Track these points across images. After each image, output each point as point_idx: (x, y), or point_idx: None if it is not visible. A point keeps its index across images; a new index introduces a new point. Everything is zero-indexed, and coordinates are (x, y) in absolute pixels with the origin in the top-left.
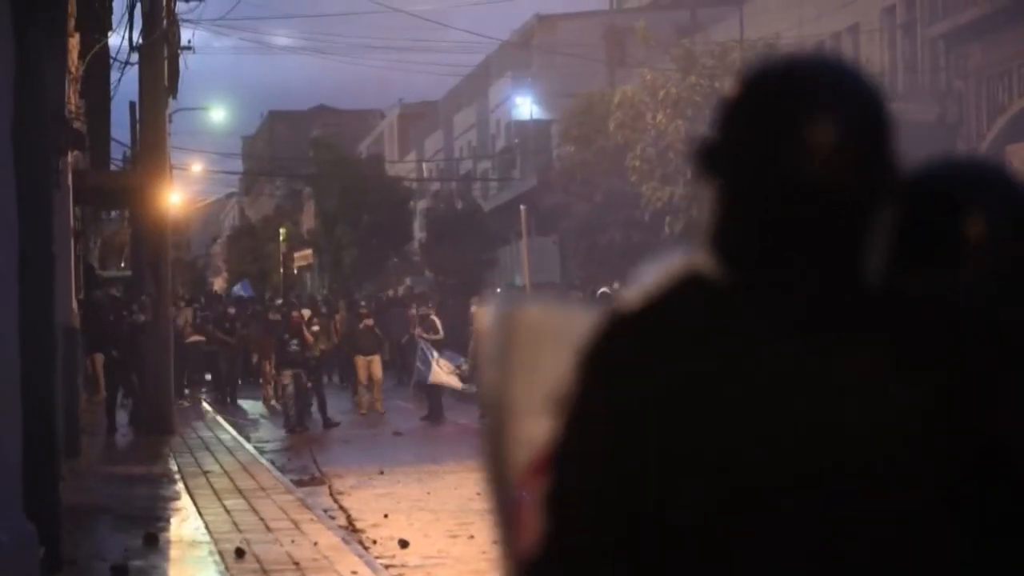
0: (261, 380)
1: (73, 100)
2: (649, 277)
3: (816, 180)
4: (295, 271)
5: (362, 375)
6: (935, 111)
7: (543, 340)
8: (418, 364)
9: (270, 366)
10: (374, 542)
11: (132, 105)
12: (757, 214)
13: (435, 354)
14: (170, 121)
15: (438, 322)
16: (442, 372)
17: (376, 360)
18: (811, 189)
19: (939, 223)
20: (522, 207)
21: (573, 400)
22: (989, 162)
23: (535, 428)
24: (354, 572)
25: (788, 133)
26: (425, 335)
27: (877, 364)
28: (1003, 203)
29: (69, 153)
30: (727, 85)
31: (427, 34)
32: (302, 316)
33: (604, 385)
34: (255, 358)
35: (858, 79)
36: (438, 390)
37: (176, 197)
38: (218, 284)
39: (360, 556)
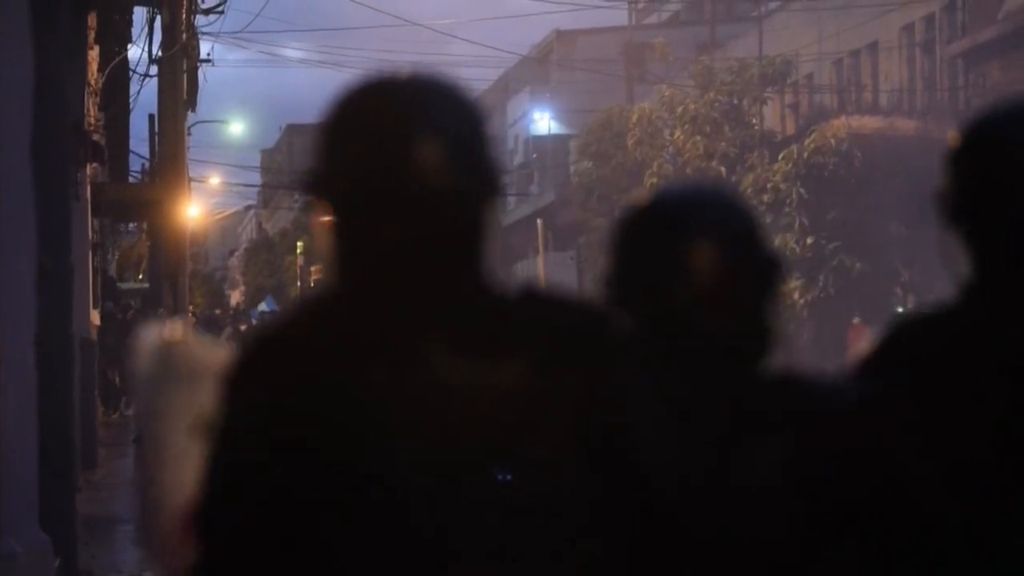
0: None
1: (92, 112)
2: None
3: (418, 197)
4: (312, 285)
5: None
6: (954, 129)
7: (200, 375)
8: None
9: None
10: None
11: (151, 117)
12: (370, 235)
13: None
14: (189, 134)
15: None
16: None
17: None
18: (416, 206)
19: (661, 244)
20: (539, 221)
21: (217, 425)
22: (720, 187)
23: (188, 469)
24: None
25: (384, 154)
26: None
27: (498, 365)
28: (721, 227)
29: (88, 165)
30: (746, 101)
31: (444, 48)
32: None
33: (235, 404)
34: None
35: (450, 103)
36: None
37: (194, 209)
38: (235, 297)
39: None
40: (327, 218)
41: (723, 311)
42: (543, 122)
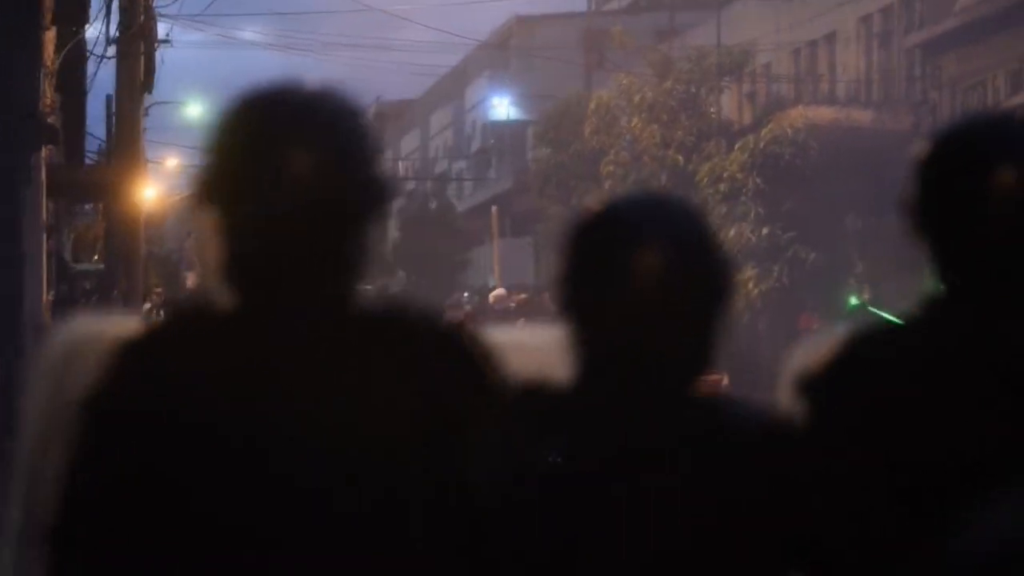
0: None
1: (49, 94)
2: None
3: (289, 207)
4: None
5: None
6: (910, 120)
7: (71, 362)
8: None
9: None
10: None
11: (108, 99)
12: (249, 241)
13: None
14: (146, 115)
15: None
16: None
17: None
18: (286, 216)
19: (606, 250)
20: (493, 208)
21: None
22: (675, 198)
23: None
24: None
25: (260, 163)
26: None
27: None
28: (667, 238)
29: (43, 148)
30: (703, 90)
31: (402, 33)
32: None
33: (97, 402)
34: None
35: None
36: None
37: (151, 192)
38: (191, 279)
39: None
40: (210, 220)
41: (663, 323)
42: (502, 108)
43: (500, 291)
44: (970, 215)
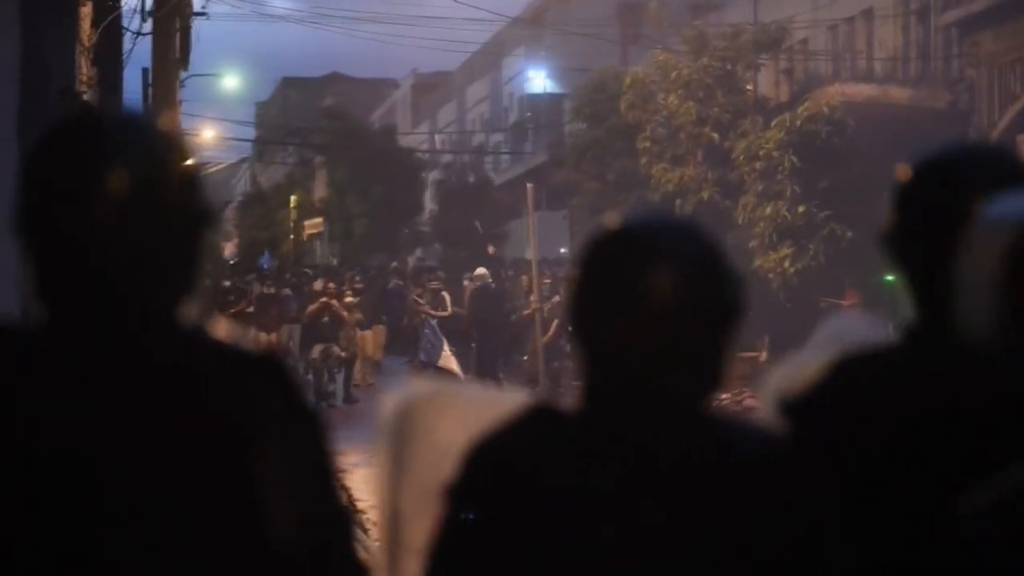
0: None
1: (85, 70)
2: None
3: (88, 235)
4: (305, 239)
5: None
6: (947, 98)
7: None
8: (426, 343)
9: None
10: (374, 524)
11: (144, 71)
12: (42, 263)
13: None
14: (182, 86)
15: (447, 298)
16: (452, 357)
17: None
18: (86, 244)
19: (614, 272)
20: (529, 185)
21: None
22: (691, 223)
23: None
24: None
25: (58, 191)
26: (433, 312)
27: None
28: (676, 263)
29: None
30: (740, 67)
31: (434, 10)
32: (331, 292)
33: None
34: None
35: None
36: (447, 373)
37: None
38: (228, 250)
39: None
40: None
41: (666, 348)
42: (538, 81)
43: (481, 270)
44: (949, 247)
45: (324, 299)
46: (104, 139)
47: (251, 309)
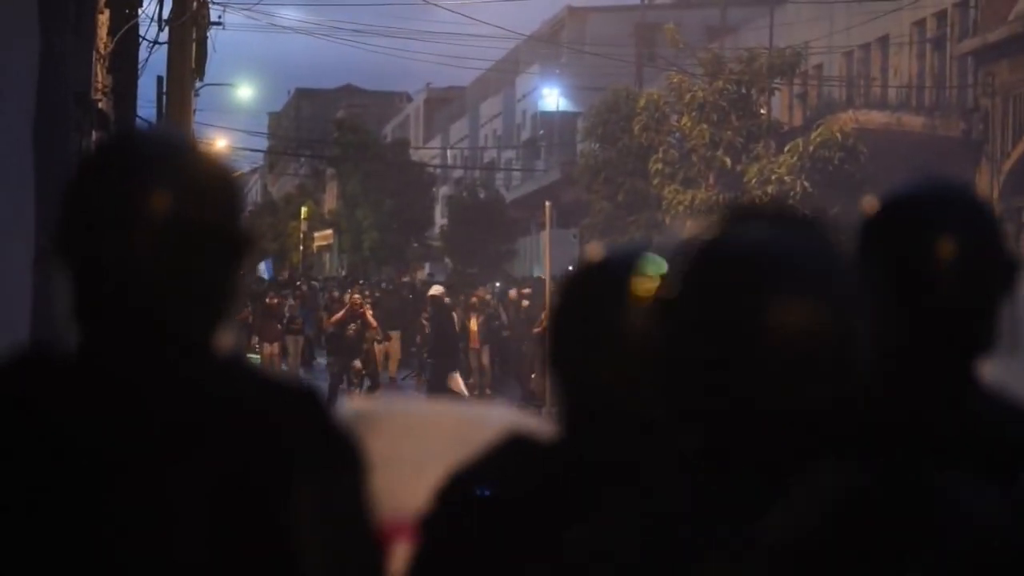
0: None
1: (100, 78)
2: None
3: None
4: (314, 250)
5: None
6: (961, 127)
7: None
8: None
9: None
10: None
11: (159, 79)
12: (81, 285)
13: None
14: (196, 95)
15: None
16: (459, 377)
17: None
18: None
19: (587, 311)
20: (547, 203)
21: None
22: (669, 243)
23: None
24: None
25: (105, 213)
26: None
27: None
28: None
29: (93, 133)
30: (754, 91)
31: (454, 27)
32: (359, 300)
33: None
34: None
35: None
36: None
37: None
38: None
39: None
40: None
41: (647, 378)
42: (552, 98)
43: (437, 288)
44: (912, 283)
45: (354, 303)
46: (145, 163)
47: (251, 320)
